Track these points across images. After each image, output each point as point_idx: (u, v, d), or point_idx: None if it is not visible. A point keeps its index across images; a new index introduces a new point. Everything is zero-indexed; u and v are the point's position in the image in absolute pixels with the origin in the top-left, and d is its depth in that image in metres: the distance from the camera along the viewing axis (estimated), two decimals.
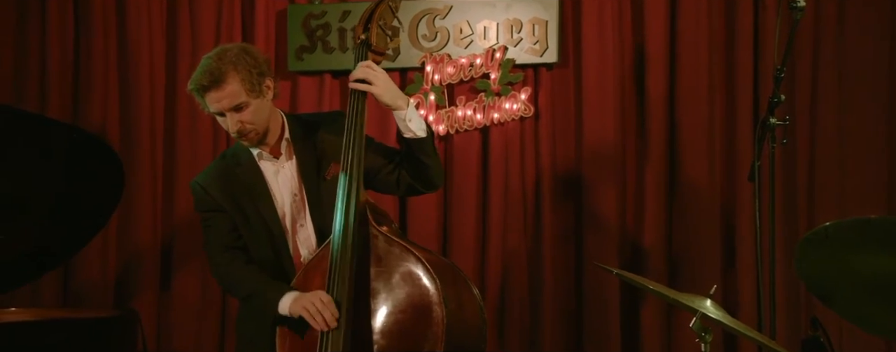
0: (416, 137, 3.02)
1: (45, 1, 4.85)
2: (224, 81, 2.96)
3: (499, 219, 4.64)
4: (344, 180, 2.90)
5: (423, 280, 2.81)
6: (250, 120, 3.03)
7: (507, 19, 4.61)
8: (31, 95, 4.86)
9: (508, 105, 4.61)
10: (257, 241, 3.15)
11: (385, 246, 2.88)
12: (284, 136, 3.15)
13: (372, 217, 2.92)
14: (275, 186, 3.15)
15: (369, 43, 3.01)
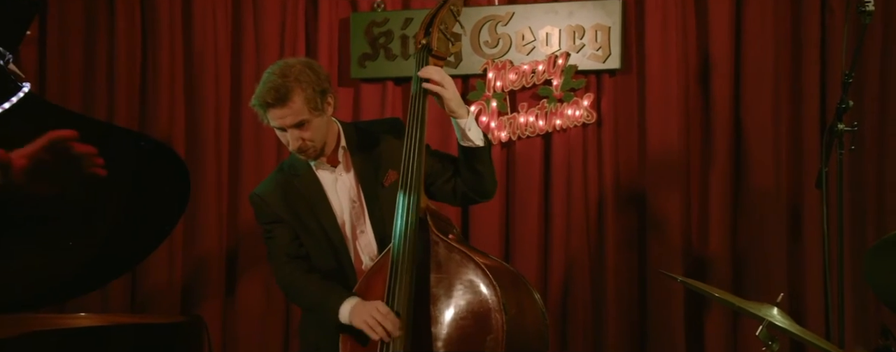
0: (475, 145, 3.01)
1: (114, 11, 4.93)
2: (288, 100, 2.97)
3: (561, 225, 4.62)
4: (404, 186, 2.91)
5: (482, 287, 2.80)
6: (311, 137, 3.04)
7: (569, 25, 4.60)
8: (100, 103, 4.95)
9: (571, 111, 4.60)
10: (319, 250, 3.17)
11: (445, 252, 2.88)
12: (340, 144, 3.17)
13: (432, 223, 2.92)
14: (333, 195, 3.16)
15: (430, 48, 3.01)
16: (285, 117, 3.01)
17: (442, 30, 3.04)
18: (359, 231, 3.15)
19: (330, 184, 3.17)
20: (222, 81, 4.92)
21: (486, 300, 2.78)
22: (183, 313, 4.83)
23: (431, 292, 2.86)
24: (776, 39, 4.47)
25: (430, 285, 2.87)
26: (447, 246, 2.88)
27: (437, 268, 2.88)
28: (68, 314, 3.92)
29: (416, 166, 2.92)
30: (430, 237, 2.90)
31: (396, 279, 2.85)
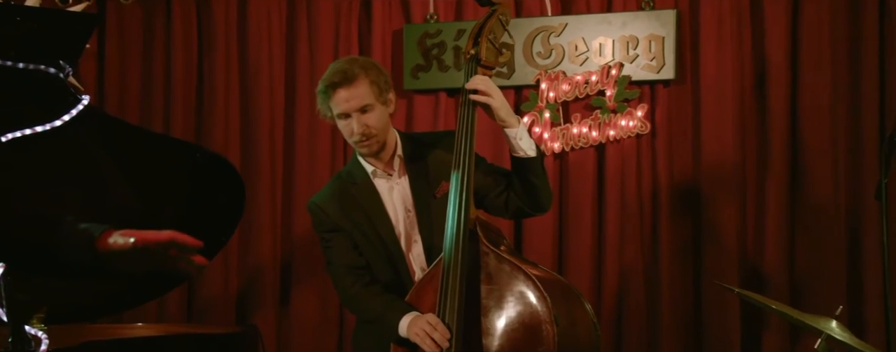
0: (527, 156, 3.00)
1: (171, 24, 5.00)
2: (356, 80, 3.03)
3: (615, 236, 4.60)
4: (454, 197, 2.91)
5: (532, 298, 2.80)
6: (374, 124, 3.06)
7: (622, 36, 4.57)
8: (157, 115, 5.02)
9: (624, 122, 4.57)
10: (376, 259, 3.18)
11: (495, 264, 2.88)
12: (397, 153, 3.18)
13: (483, 234, 2.92)
14: (389, 204, 3.18)
15: (479, 57, 3.01)
16: (351, 99, 3.04)
17: (490, 39, 3.04)
18: (412, 241, 3.16)
19: (386, 192, 3.18)
20: (276, 92, 4.96)
21: (536, 312, 2.78)
22: (238, 322, 4.87)
23: (482, 304, 2.86)
24: (833, 48, 4.42)
25: (480, 297, 2.87)
26: (497, 257, 2.88)
27: (488, 279, 2.87)
28: (125, 324, 3.98)
29: (466, 177, 2.91)
30: (481, 248, 2.90)
31: (447, 291, 2.85)
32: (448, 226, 2.89)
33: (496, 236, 2.99)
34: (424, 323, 2.85)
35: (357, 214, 3.18)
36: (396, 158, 3.18)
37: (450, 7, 4.84)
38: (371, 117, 3.06)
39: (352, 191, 3.20)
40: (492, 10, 3.08)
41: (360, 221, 3.17)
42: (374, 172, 3.19)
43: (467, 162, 2.93)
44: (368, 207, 3.17)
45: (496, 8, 3.08)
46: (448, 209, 2.91)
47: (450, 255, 2.85)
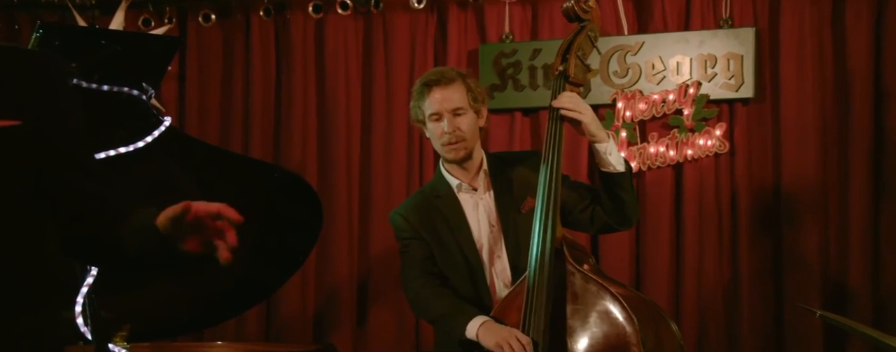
0: (616, 171, 2.98)
1: (250, 46, 5.08)
2: (453, 82, 3.09)
3: (694, 256, 4.55)
4: (540, 214, 2.89)
5: (620, 319, 2.76)
6: (465, 128, 3.08)
7: (700, 54, 4.53)
8: (236, 135, 5.09)
9: (703, 141, 4.52)
10: (455, 271, 3.16)
11: (581, 283, 2.85)
12: (483, 168, 3.18)
13: (568, 253, 2.89)
14: (473, 217, 3.17)
15: (567, 74, 3.00)
16: (445, 101, 3.07)
17: (579, 56, 3.02)
18: (496, 256, 3.14)
19: (470, 207, 3.18)
20: (353, 112, 5.00)
21: (624, 333, 2.74)
22: (315, 341, 4.90)
23: (567, 324, 2.83)
24: None
25: (566, 317, 2.84)
26: (583, 277, 2.85)
27: (574, 299, 2.85)
28: (205, 343, 4.03)
29: (553, 195, 2.89)
30: (567, 267, 2.87)
31: (532, 309, 2.83)
32: (534, 244, 2.88)
33: (582, 255, 2.96)
34: (511, 336, 2.82)
35: (440, 225, 3.18)
36: (482, 172, 3.18)
37: (525, 26, 4.84)
38: (463, 121, 3.08)
39: (435, 203, 3.21)
40: (581, 27, 3.06)
41: (442, 231, 3.17)
42: (458, 185, 3.19)
43: (555, 179, 2.91)
44: (451, 218, 3.17)
45: (585, 24, 3.06)
46: (534, 226, 2.89)
47: (535, 273, 2.83)
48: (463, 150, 3.11)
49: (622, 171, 2.99)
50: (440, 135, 3.10)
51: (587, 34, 3.05)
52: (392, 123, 4.93)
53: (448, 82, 3.08)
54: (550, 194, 2.89)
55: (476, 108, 3.12)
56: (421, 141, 4.86)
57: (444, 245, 3.17)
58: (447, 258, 3.17)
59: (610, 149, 2.97)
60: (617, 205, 3.04)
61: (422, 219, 3.20)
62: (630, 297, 2.82)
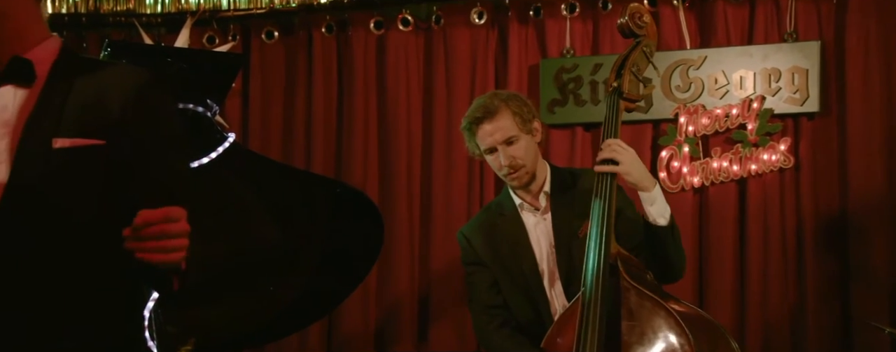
0: (656, 223, 2.94)
1: (312, 62, 5.12)
2: (498, 113, 3.06)
3: (758, 273, 4.48)
4: (595, 230, 2.86)
5: (675, 336, 2.73)
6: (521, 155, 3.07)
7: (764, 68, 4.48)
8: (298, 151, 5.13)
9: (767, 156, 4.47)
10: (516, 295, 3.16)
11: (637, 300, 2.82)
12: (544, 188, 3.17)
13: (623, 269, 2.86)
14: (535, 239, 3.16)
15: (621, 90, 2.98)
16: (495, 133, 3.06)
17: (634, 72, 3.00)
18: (555, 278, 3.13)
19: (532, 227, 3.17)
20: (413, 127, 5.03)
21: (678, 350, 2.71)
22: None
23: (623, 341, 2.81)
24: None
25: (621, 334, 2.81)
26: (639, 293, 2.82)
27: (629, 315, 2.82)
28: None
29: (608, 210, 2.87)
30: (621, 284, 2.84)
31: (587, 327, 2.80)
32: (588, 259, 2.85)
33: (638, 271, 2.92)
34: None
35: (502, 247, 3.18)
36: (543, 193, 3.17)
37: (586, 41, 4.83)
38: (517, 149, 3.07)
39: (498, 222, 3.21)
40: (636, 42, 3.04)
41: (504, 254, 3.17)
42: (521, 204, 3.18)
43: (609, 195, 2.88)
44: (514, 240, 3.16)
45: (640, 40, 3.05)
46: (588, 242, 2.87)
47: (590, 290, 2.81)
48: (525, 175, 3.11)
49: (663, 225, 2.92)
50: (499, 167, 3.11)
51: (642, 50, 3.03)
52: (452, 138, 4.94)
53: (492, 115, 3.06)
54: (605, 211, 2.86)
55: (527, 129, 3.10)
56: None
57: (505, 270, 3.17)
58: (509, 283, 3.17)
59: (652, 198, 2.91)
60: (657, 258, 2.98)
61: (485, 241, 3.20)
62: (687, 314, 2.78)
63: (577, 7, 4.77)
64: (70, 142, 1.80)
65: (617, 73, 3.01)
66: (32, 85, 1.87)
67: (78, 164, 1.80)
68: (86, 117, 1.82)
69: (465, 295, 4.70)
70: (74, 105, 1.83)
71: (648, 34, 3.06)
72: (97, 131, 1.82)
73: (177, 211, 1.66)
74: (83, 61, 1.95)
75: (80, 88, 1.86)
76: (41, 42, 1.92)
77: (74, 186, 1.81)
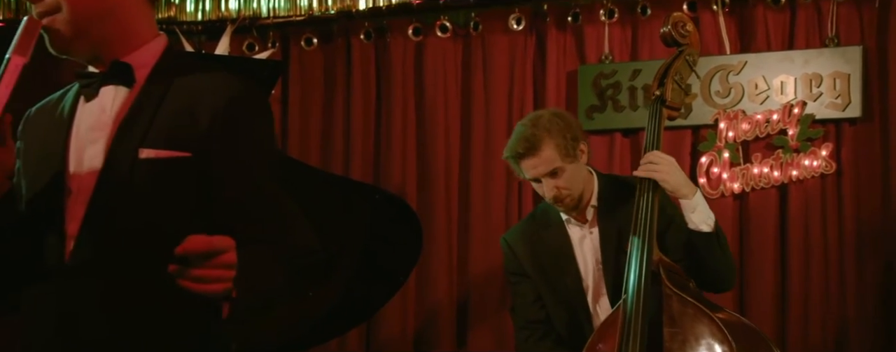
0: (699, 230, 2.91)
1: (351, 69, 5.15)
2: (539, 148, 3.04)
3: (799, 280, 4.44)
4: (637, 237, 2.86)
5: (718, 344, 2.72)
6: (566, 185, 3.06)
7: (805, 74, 4.45)
8: (337, 158, 5.15)
9: (808, 162, 4.43)
10: (559, 309, 3.16)
11: (679, 306, 2.81)
12: (591, 202, 3.15)
13: (665, 276, 2.85)
14: (580, 253, 3.15)
15: (664, 98, 2.98)
16: (537, 167, 3.05)
17: (676, 80, 3.00)
18: (600, 294, 3.12)
19: (578, 241, 3.16)
20: (452, 134, 5.03)
21: None
22: None
23: (665, 348, 2.80)
24: None
25: (663, 341, 2.80)
26: (681, 300, 2.81)
27: (671, 322, 2.81)
28: None
29: (650, 216, 2.86)
30: (664, 291, 2.84)
31: (628, 334, 2.80)
32: (630, 266, 2.84)
33: (681, 279, 2.91)
34: None
35: (546, 260, 3.17)
36: (590, 207, 3.16)
37: (625, 47, 4.81)
38: (562, 180, 3.06)
39: (543, 234, 3.20)
40: (679, 51, 3.04)
41: (547, 266, 3.16)
42: (568, 218, 3.18)
43: (651, 203, 2.88)
44: (558, 254, 3.15)
45: (683, 49, 3.04)
46: (630, 249, 2.86)
47: (632, 297, 2.80)
48: (571, 201, 3.10)
49: (707, 232, 2.90)
50: (544, 195, 3.10)
51: (685, 59, 3.03)
52: (490, 144, 4.94)
53: (535, 150, 3.05)
54: (647, 217, 2.86)
55: (572, 156, 3.07)
56: None
57: (548, 283, 3.17)
58: (551, 296, 3.17)
59: (694, 205, 2.89)
60: (700, 267, 2.95)
61: (528, 251, 3.20)
62: (730, 321, 2.76)
63: (616, 13, 4.76)
64: (155, 153, 1.82)
65: (660, 82, 3.01)
66: (132, 88, 1.90)
67: (163, 175, 1.83)
68: (175, 127, 1.84)
69: (503, 300, 4.74)
70: (166, 114, 1.85)
71: (691, 43, 3.06)
72: (185, 143, 1.83)
73: (223, 241, 1.61)
74: (182, 65, 1.95)
75: (173, 95, 1.87)
76: (148, 42, 1.94)
77: (158, 196, 1.83)
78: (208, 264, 1.59)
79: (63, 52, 1.90)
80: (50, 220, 1.86)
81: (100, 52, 1.91)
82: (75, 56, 1.92)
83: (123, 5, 1.91)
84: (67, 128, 1.91)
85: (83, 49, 1.91)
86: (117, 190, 1.83)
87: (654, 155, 2.91)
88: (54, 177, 1.88)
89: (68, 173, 1.87)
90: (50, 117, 1.98)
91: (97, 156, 1.85)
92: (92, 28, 1.87)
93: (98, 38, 1.89)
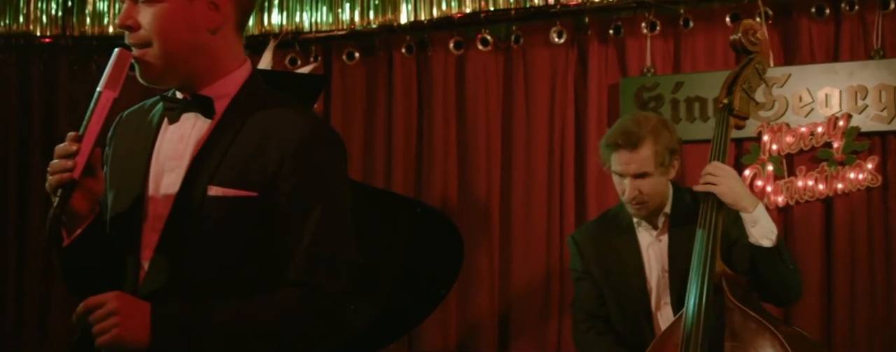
0: (759, 245, 2.88)
1: (392, 83, 5.17)
2: (639, 146, 3.03)
3: (845, 293, 4.39)
4: (699, 248, 2.84)
5: None
6: (648, 191, 3.04)
7: (850, 86, 4.40)
8: (379, 171, 5.17)
9: (853, 175, 4.39)
10: (621, 313, 3.15)
11: (741, 321, 2.78)
12: (664, 210, 3.14)
13: (728, 289, 2.82)
14: (647, 259, 3.14)
15: (732, 108, 2.96)
16: (630, 164, 3.04)
17: (745, 89, 2.97)
18: (663, 302, 3.10)
19: (645, 247, 3.15)
20: (493, 147, 5.03)
21: None
22: None
23: None
24: None
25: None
26: (743, 314, 2.78)
27: (733, 336, 2.78)
28: None
29: (713, 228, 2.84)
30: (726, 304, 2.81)
31: (688, 347, 2.77)
32: (692, 279, 2.82)
33: (744, 292, 2.87)
34: None
35: (612, 263, 3.16)
36: (663, 215, 3.14)
37: (667, 59, 4.79)
38: (645, 184, 3.04)
39: (612, 237, 3.19)
40: (748, 59, 3.02)
41: (613, 268, 3.15)
42: (638, 222, 3.17)
43: (715, 215, 2.85)
44: (625, 258, 3.14)
45: (753, 57, 3.02)
46: (693, 260, 2.84)
47: (693, 310, 2.78)
48: (645, 209, 3.08)
49: (768, 246, 2.86)
50: (622, 192, 3.09)
51: (755, 67, 3.00)
52: (532, 157, 4.94)
53: (634, 147, 3.02)
54: (710, 229, 2.84)
55: (664, 167, 3.06)
56: (561, 176, 4.86)
57: (612, 285, 3.15)
58: (614, 299, 3.16)
59: (754, 219, 2.86)
60: (762, 282, 2.92)
61: (595, 252, 3.19)
62: (793, 335, 2.73)
63: (658, 25, 4.74)
64: (223, 191, 1.90)
65: (728, 90, 2.98)
66: (211, 119, 1.97)
67: (230, 211, 1.90)
68: (245, 166, 1.91)
69: (546, 313, 4.74)
70: (238, 151, 1.93)
71: (762, 51, 3.05)
72: (253, 182, 1.90)
73: (95, 299, 1.80)
74: (260, 98, 2.01)
75: (247, 131, 1.94)
76: (232, 71, 2.00)
77: (224, 232, 1.90)
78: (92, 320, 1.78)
79: (153, 83, 1.98)
80: (128, 244, 1.96)
81: (189, 84, 1.98)
82: (164, 86, 2.00)
83: (213, 41, 1.97)
84: (150, 150, 2.00)
85: (172, 81, 1.98)
86: (187, 223, 1.91)
87: (714, 167, 2.90)
88: (135, 202, 1.97)
89: (147, 198, 1.96)
90: (137, 129, 2.06)
91: (173, 185, 1.94)
92: (182, 63, 1.94)
93: (187, 71, 1.96)
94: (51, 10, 5.31)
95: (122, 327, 1.77)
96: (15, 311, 5.32)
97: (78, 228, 1.91)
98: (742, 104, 2.96)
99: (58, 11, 5.32)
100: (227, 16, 1.98)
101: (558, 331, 4.76)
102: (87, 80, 5.09)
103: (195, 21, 1.93)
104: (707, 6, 4.71)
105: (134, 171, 1.99)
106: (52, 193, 1.84)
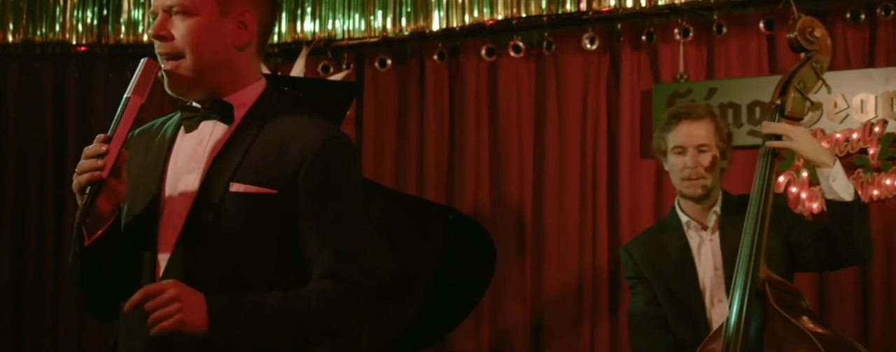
0: (840, 199, 2.87)
1: (425, 90, 5.18)
2: (703, 118, 3.09)
3: (881, 302, 4.35)
4: (744, 254, 2.82)
5: None
6: (707, 167, 3.05)
7: (886, 91, 4.36)
8: (411, 178, 5.18)
9: (889, 181, 4.34)
10: (675, 313, 3.15)
11: (782, 329, 2.74)
12: (715, 208, 3.13)
13: (772, 295, 2.78)
14: (698, 258, 3.13)
15: (783, 108, 2.91)
16: (692, 135, 3.07)
17: (799, 88, 2.90)
18: (717, 300, 3.10)
19: (696, 247, 3.15)
20: (525, 154, 5.02)
21: None
22: None
23: None
24: None
25: None
26: (784, 321, 2.74)
27: (772, 343, 2.75)
28: None
29: (758, 234, 2.82)
30: (768, 311, 2.78)
31: None
32: (735, 284, 2.81)
33: (790, 298, 2.83)
34: None
35: (664, 264, 3.17)
36: (713, 213, 3.14)
37: (700, 65, 4.77)
38: (706, 158, 3.07)
39: (662, 239, 3.21)
40: (806, 58, 2.95)
41: (665, 270, 3.16)
42: (688, 222, 3.17)
43: (761, 219, 2.84)
44: (676, 258, 3.15)
45: (811, 55, 2.95)
46: (737, 265, 2.83)
47: (736, 316, 2.77)
48: (701, 188, 3.08)
49: (849, 200, 2.86)
50: (681, 168, 3.08)
51: (812, 66, 2.93)
52: (564, 163, 4.93)
53: (697, 118, 3.08)
54: (755, 235, 2.82)
55: (722, 147, 3.09)
56: (594, 182, 4.84)
57: (665, 286, 3.16)
58: (668, 299, 3.16)
59: (834, 175, 2.86)
60: (840, 237, 2.91)
61: (646, 255, 3.21)
62: (835, 343, 2.69)
63: (691, 31, 4.72)
64: (244, 188, 1.96)
65: (781, 90, 2.93)
66: (230, 125, 2.03)
67: (250, 208, 1.96)
68: (265, 166, 1.98)
69: (578, 321, 4.74)
70: (257, 152, 2.00)
71: (821, 49, 2.96)
72: (272, 181, 1.97)
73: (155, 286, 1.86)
74: (277, 107, 2.09)
75: (266, 135, 2.02)
76: (249, 84, 2.08)
77: (244, 228, 1.96)
78: (152, 307, 1.82)
79: (180, 94, 2.05)
80: (145, 242, 2.01)
81: (210, 97, 2.05)
82: (188, 98, 2.07)
83: (239, 58, 2.06)
84: (166, 155, 2.07)
85: (198, 93, 2.05)
86: (207, 220, 1.97)
87: (780, 127, 2.87)
88: (151, 202, 2.03)
89: (163, 199, 2.02)
90: (150, 143, 2.12)
91: (191, 185, 2.00)
92: (209, 76, 2.02)
93: (212, 84, 2.04)
94: (87, 19, 5.38)
95: (185, 312, 1.82)
96: (51, 311, 5.39)
97: (99, 229, 1.96)
98: (795, 105, 2.90)
99: (93, 20, 5.38)
100: (253, 35, 2.07)
101: (591, 339, 4.74)
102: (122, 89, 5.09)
103: (225, 37, 2.03)
104: (741, 12, 4.68)
105: (149, 178, 2.05)
106: (78, 192, 1.89)
